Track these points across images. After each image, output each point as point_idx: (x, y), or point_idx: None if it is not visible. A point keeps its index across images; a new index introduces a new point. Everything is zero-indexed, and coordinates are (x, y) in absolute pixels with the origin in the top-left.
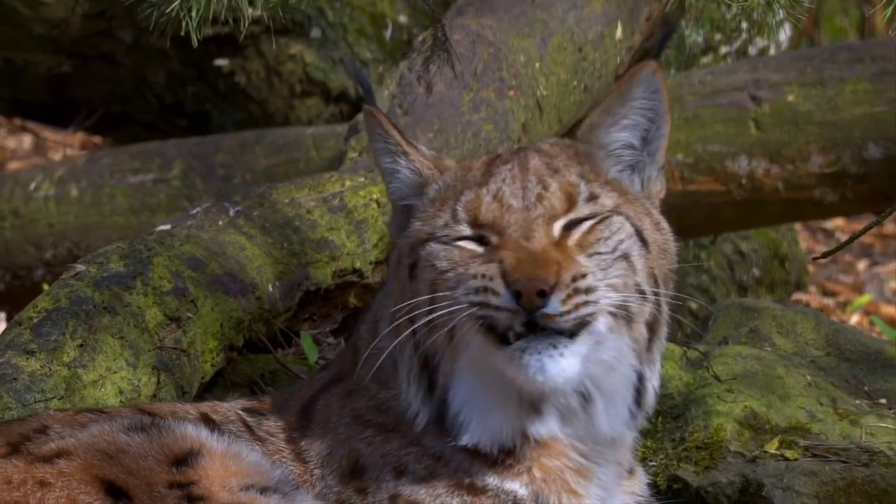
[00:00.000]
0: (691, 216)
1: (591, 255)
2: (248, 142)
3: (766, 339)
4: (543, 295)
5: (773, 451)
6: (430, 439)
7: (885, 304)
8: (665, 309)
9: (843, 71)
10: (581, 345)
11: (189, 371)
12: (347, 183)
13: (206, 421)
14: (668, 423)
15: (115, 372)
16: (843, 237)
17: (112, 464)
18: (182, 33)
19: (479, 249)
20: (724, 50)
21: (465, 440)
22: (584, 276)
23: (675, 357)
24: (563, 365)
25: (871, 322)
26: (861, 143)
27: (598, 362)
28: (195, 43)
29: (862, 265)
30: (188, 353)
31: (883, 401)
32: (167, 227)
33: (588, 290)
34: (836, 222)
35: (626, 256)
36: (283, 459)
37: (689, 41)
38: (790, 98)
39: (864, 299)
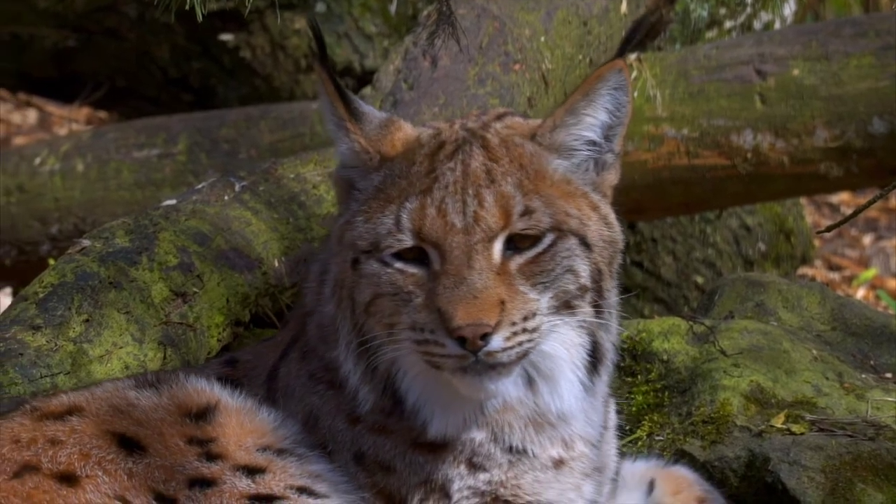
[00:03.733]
0: (697, 190)
1: (535, 285)
2: (253, 117)
3: (771, 314)
4: (486, 336)
5: (779, 426)
6: (385, 416)
7: (891, 278)
8: (608, 285)
9: (848, 45)
10: (520, 366)
11: (195, 346)
12: None
13: None
14: (674, 397)
15: (121, 347)
16: (849, 211)
17: (122, 417)
18: (187, 8)
19: (421, 273)
20: (728, 24)
21: (433, 434)
22: (534, 314)
23: (682, 332)
24: (502, 381)
25: (876, 296)
26: (866, 117)
27: (538, 352)
28: (200, 18)
29: (867, 239)
30: (194, 329)
31: (889, 375)
32: (173, 202)
33: (534, 329)
34: (842, 196)
35: (569, 269)
36: None
37: (694, 16)
38: (795, 72)
39: (870, 273)
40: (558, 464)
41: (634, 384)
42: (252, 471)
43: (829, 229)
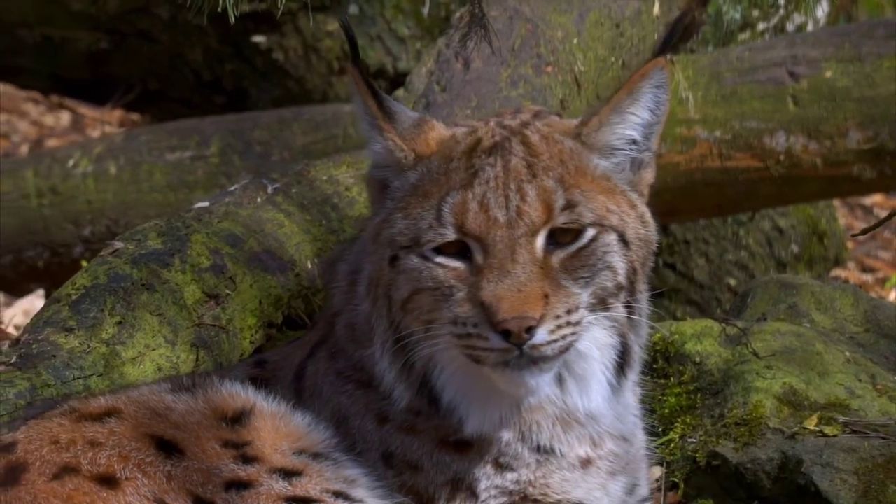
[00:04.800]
0: (729, 192)
1: (576, 280)
2: (285, 119)
3: (804, 316)
4: (531, 329)
5: (812, 428)
6: (414, 416)
7: None
8: (641, 286)
9: (881, 47)
10: (561, 361)
11: (228, 348)
12: None
13: None
14: (707, 399)
15: (154, 349)
16: (882, 213)
17: (160, 420)
18: (219, 10)
19: (462, 267)
20: (761, 26)
21: (469, 432)
22: (577, 308)
23: (714, 334)
24: (543, 376)
25: None
26: None
27: (572, 351)
28: (232, 20)
29: None
30: (227, 331)
31: None
32: (205, 204)
33: (577, 323)
34: (875, 198)
35: (608, 266)
36: None
37: (727, 18)
38: (828, 74)
39: None
40: (585, 463)
41: (667, 386)
42: (288, 473)
43: (864, 232)
